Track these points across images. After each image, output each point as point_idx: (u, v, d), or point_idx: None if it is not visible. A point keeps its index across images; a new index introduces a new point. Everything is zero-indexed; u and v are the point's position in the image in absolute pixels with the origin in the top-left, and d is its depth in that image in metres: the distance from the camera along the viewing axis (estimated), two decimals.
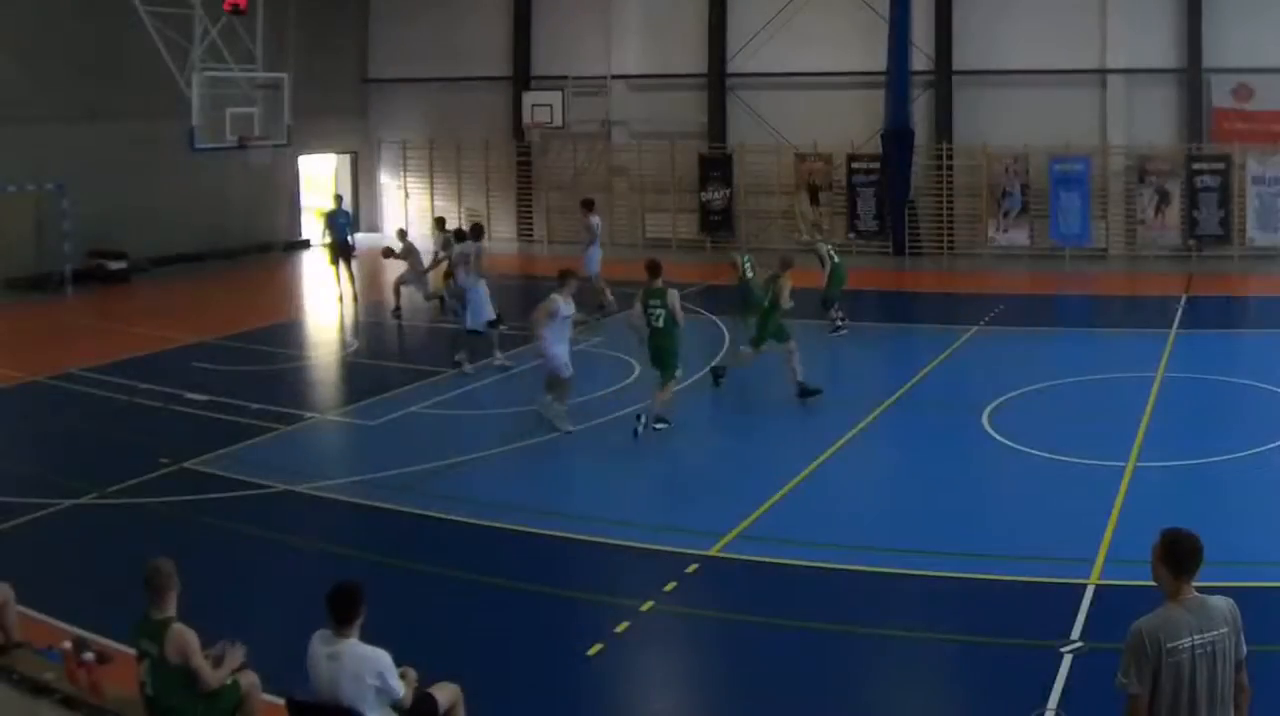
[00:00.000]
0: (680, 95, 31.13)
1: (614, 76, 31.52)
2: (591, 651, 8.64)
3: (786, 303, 15.61)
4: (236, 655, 6.79)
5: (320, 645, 6.32)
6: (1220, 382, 16.10)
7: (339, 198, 26.43)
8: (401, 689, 6.34)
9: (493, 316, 17.31)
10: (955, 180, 28.75)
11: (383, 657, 6.28)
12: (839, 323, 19.71)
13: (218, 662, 6.66)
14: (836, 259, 20.01)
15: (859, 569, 10.04)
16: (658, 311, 14.13)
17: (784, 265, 15.89)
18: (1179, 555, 5.09)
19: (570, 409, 14.41)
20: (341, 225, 24.00)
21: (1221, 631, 5.07)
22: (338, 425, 15.26)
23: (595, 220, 22.73)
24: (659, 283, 14.34)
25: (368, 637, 6.34)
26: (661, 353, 14.20)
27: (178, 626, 6.47)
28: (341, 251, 23.82)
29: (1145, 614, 5.19)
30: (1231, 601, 5.20)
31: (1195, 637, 5.01)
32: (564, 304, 14.28)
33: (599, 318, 20.49)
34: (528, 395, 15.02)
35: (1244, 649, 5.19)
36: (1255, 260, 26.16)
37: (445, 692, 6.75)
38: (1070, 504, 11.54)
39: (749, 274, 18.50)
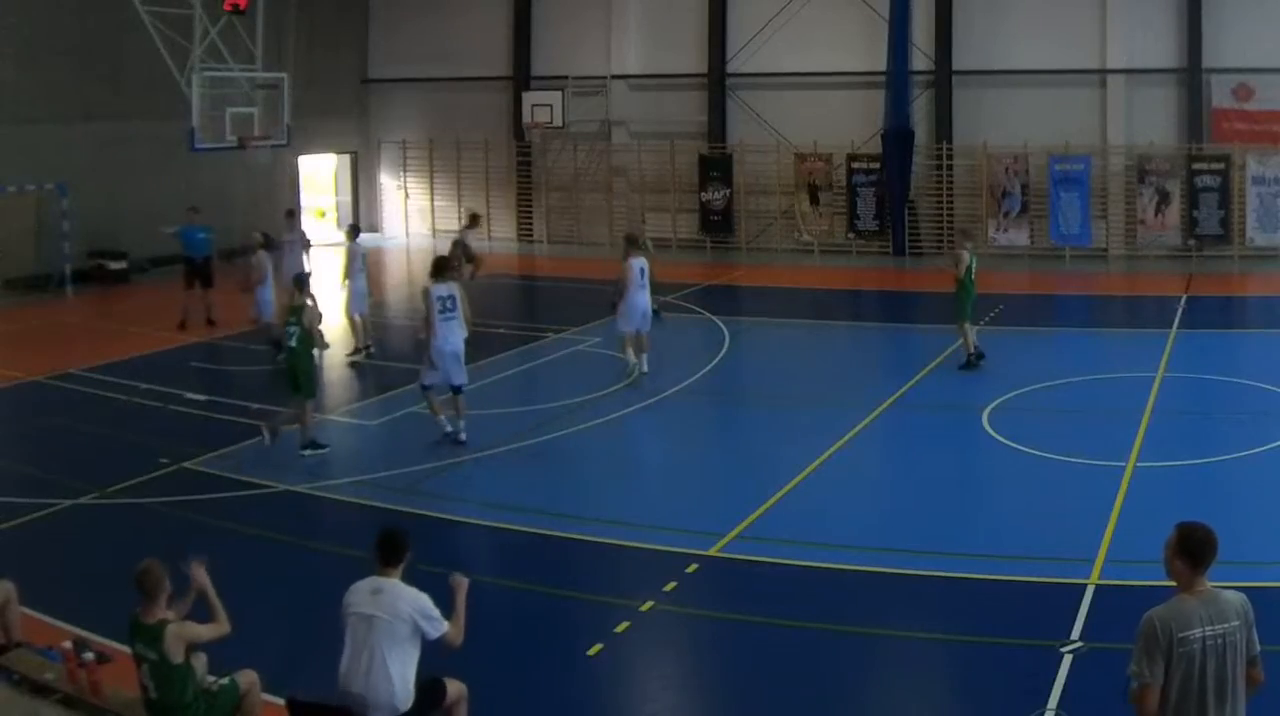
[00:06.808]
0: (680, 95, 31.13)
1: (614, 76, 31.52)
2: (591, 651, 8.64)
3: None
4: (198, 574, 6.95)
5: (364, 583, 6.58)
6: (1220, 382, 16.10)
7: (193, 210, 21.83)
8: (444, 627, 6.54)
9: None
10: (955, 180, 28.73)
11: (423, 598, 6.53)
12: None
13: (186, 608, 6.86)
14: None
15: (858, 569, 10.05)
16: (293, 328, 13.54)
17: None
18: (1196, 547, 5.14)
19: (570, 409, 14.41)
20: (199, 242, 21.15)
21: (1233, 624, 5.11)
22: (338, 425, 15.24)
23: None
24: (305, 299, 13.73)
25: None
26: (295, 374, 13.58)
27: (173, 627, 6.52)
28: (199, 273, 21.02)
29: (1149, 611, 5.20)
30: (1244, 596, 5.24)
31: (1206, 629, 5.05)
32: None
33: None
34: (527, 396, 15.02)
35: (1257, 645, 5.23)
36: (1255, 260, 26.16)
37: (452, 686, 6.82)
38: (1070, 504, 11.54)
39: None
